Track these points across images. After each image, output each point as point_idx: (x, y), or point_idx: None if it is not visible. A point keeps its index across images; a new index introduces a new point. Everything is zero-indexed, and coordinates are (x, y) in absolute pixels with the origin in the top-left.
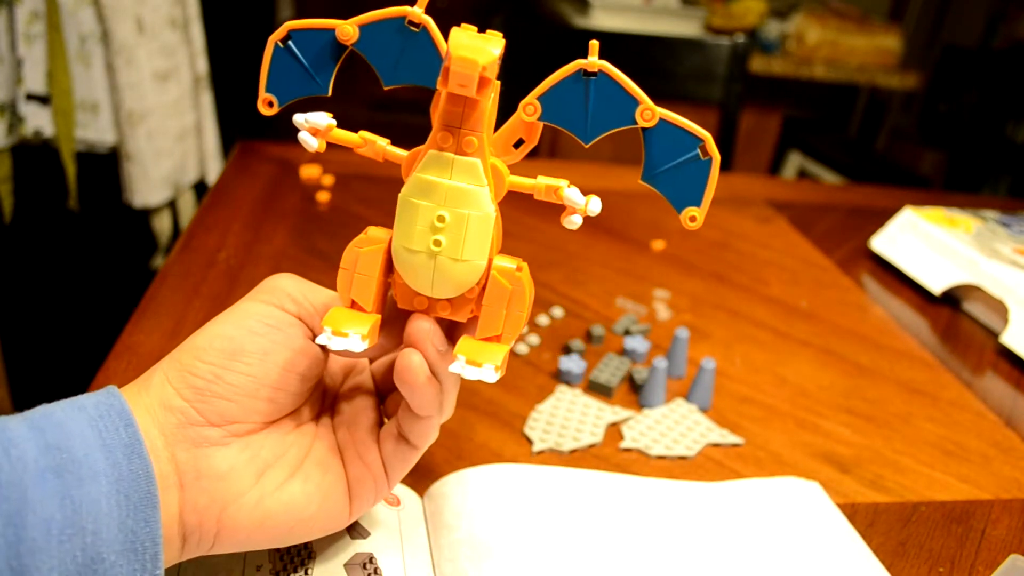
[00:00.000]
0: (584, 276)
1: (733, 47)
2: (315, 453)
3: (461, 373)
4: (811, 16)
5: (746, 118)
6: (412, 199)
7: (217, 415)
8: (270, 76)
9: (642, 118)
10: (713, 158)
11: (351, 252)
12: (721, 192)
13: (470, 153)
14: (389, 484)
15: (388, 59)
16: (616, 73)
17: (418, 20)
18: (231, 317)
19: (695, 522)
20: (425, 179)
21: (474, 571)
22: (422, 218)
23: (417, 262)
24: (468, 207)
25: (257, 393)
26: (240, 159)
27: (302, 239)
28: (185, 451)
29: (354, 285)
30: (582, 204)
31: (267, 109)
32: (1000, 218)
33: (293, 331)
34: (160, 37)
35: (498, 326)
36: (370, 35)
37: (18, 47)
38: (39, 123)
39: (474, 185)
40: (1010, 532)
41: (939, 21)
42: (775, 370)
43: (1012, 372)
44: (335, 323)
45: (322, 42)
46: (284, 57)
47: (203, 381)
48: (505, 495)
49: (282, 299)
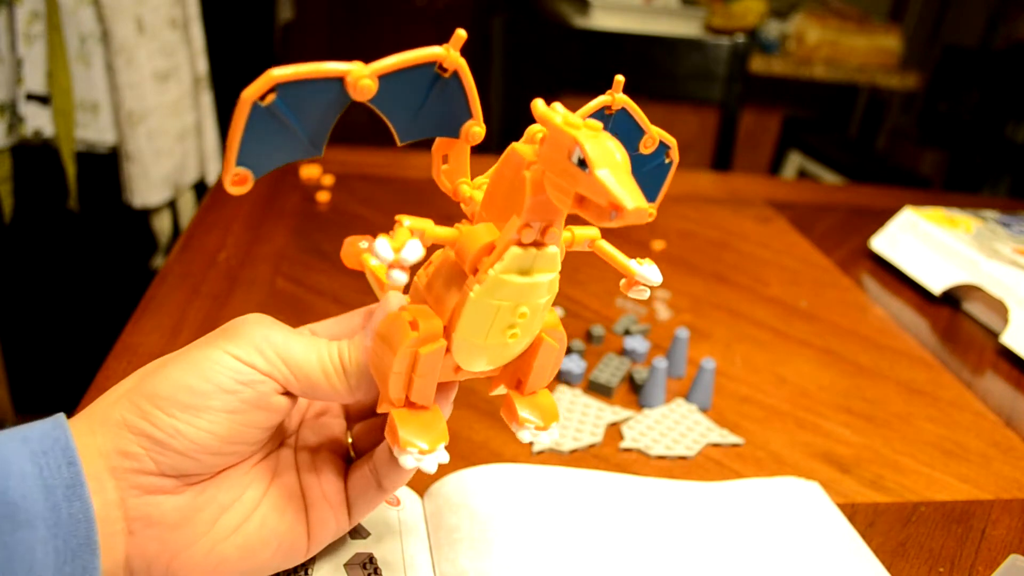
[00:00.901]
0: (584, 276)
1: (733, 47)
2: (274, 491)
3: (536, 440)
4: (811, 16)
5: (746, 118)
6: (492, 301)
7: (172, 469)
8: (244, 144)
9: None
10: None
11: (409, 354)
12: (721, 192)
13: (551, 243)
14: (351, 522)
15: (407, 111)
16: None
17: (453, 66)
18: (196, 365)
19: (695, 522)
20: (508, 281)
21: (474, 571)
22: (503, 317)
23: (484, 351)
24: (544, 296)
25: (219, 450)
26: None
27: (302, 239)
28: (136, 497)
29: (415, 388)
30: (656, 282)
31: (238, 188)
32: (1000, 218)
33: (264, 389)
34: (160, 37)
35: (544, 381)
36: (390, 86)
37: (18, 47)
38: (39, 123)
39: (552, 273)
40: (1010, 532)
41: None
42: (775, 370)
43: (1012, 372)
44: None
45: (321, 97)
46: (265, 120)
47: (163, 434)
48: (505, 495)
49: (252, 355)
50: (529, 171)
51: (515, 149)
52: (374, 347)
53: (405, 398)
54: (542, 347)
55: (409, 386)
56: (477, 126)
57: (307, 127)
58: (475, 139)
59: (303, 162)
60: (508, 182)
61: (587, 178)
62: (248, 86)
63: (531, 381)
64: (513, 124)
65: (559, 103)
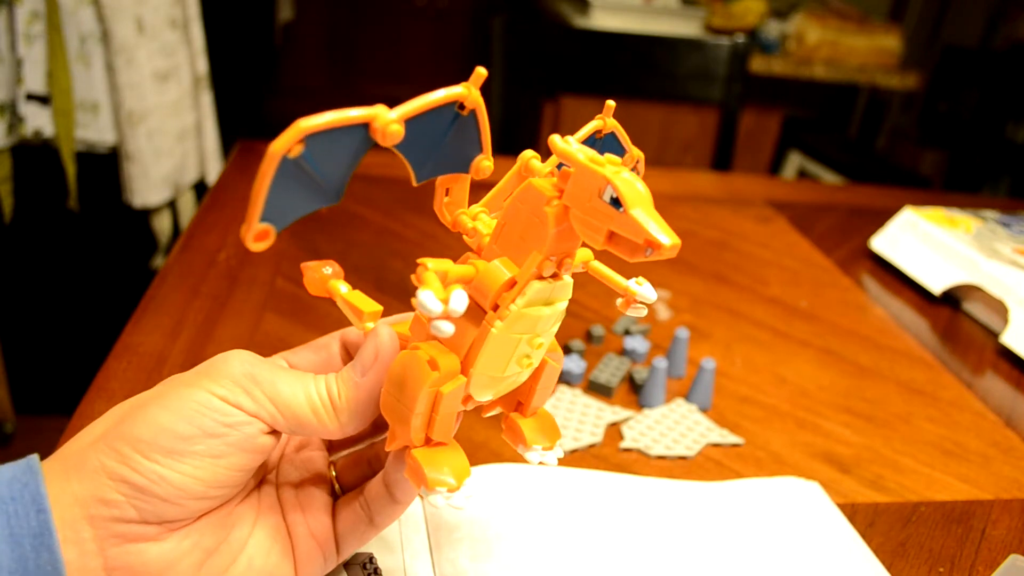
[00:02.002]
0: (584, 276)
1: (733, 47)
2: (259, 532)
3: (544, 461)
4: (811, 16)
5: (746, 118)
6: (513, 335)
7: (155, 516)
8: (269, 199)
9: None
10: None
11: (431, 396)
12: (721, 192)
13: (566, 273)
14: (339, 558)
15: (425, 152)
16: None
17: (472, 104)
18: (178, 407)
19: (695, 522)
20: (530, 315)
21: (474, 571)
22: (520, 350)
23: (499, 382)
24: (557, 322)
25: (204, 495)
26: (240, 159)
27: (302, 239)
28: (116, 546)
29: (436, 427)
30: (653, 299)
31: (259, 245)
32: (1000, 218)
33: (250, 430)
34: (160, 37)
35: (546, 399)
36: (413, 128)
37: (18, 47)
38: (39, 123)
39: (565, 300)
40: (1010, 532)
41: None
42: (775, 370)
43: (1012, 372)
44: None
45: (346, 144)
46: (291, 172)
47: (145, 480)
48: (505, 495)
49: (237, 395)
50: (550, 207)
51: (533, 185)
52: (387, 388)
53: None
54: (546, 369)
55: (430, 425)
56: (486, 160)
57: (330, 176)
58: (484, 173)
59: None
60: (526, 218)
61: (622, 217)
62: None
63: (534, 402)
64: (513, 125)
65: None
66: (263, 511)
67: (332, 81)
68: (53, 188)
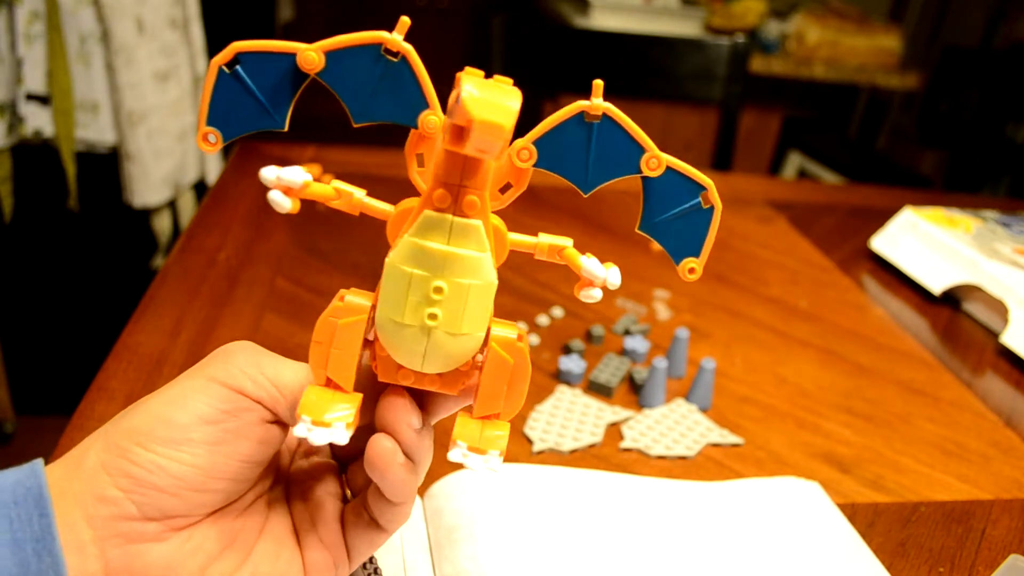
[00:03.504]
0: None
1: (733, 47)
2: (266, 537)
3: (463, 463)
4: (811, 16)
5: (746, 118)
6: (404, 267)
7: (156, 510)
8: (212, 106)
9: (648, 167)
10: (715, 207)
11: (326, 324)
12: (721, 192)
13: (471, 215)
14: (351, 566)
15: (359, 92)
16: (622, 117)
17: (397, 48)
18: (177, 396)
19: (695, 522)
20: (420, 244)
21: (474, 571)
22: (416, 289)
23: (407, 336)
24: (468, 276)
25: (204, 486)
26: (240, 159)
27: (302, 239)
28: (117, 547)
29: (331, 362)
30: (603, 276)
31: (207, 145)
32: (1000, 218)
33: (250, 417)
34: (160, 37)
35: (498, 404)
36: (338, 63)
37: (18, 47)
38: (39, 123)
39: (476, 251)
40: (1010, 532)
41: (939, 21)
42: (775, 370)
43: (1012, 372)
44: (314, 411)
45: (279, 69)
46: (231, 84)
47: (142, 471)
48: (505, 495)
49: (239, 379)
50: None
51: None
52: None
53: (327, 379)
54: (489, 359)
55: (327, 361)
56: (432, 115)
57: (268, 96)
58: (430, 128)
59: (303, 162)
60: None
61: (456, 103)
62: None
63: (480, 399)
64: None
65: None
66: (271, 519)
67: None
68: (53, 188)
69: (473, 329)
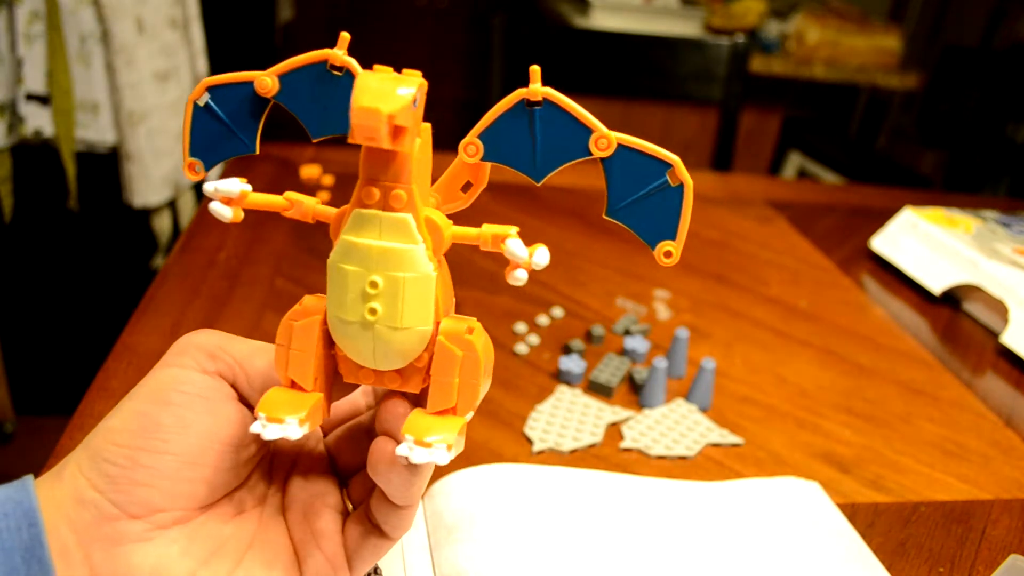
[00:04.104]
0: (584, 276)
1: (733, 47)
2: (260, 544)
3: (409, 457)
4: (811, 16)
5: (746, 118)
6: (340, 264)
7: (137, 506)
8: (192, 139)
9: (597, 147)
10: (685, 184)
11: (285, 326)
12: (721, 192)
13: (398, 208)
14: (354, 575)
15: (313, 109)
16: (562, 100)
17: (340, 63)
18: (143, 391)
19: (695, 522)
20: (352, 241)
21: (474, 571)
22: (353, 285)
23: (354, 333)
24: (402, 269)
25: (179, 474)
26: (240, 159)
27: (302, 239)
28: (102, 551)
29: (290, 362)
30: (525, 257)
31: (193, 174)
32: (1000, 218)
33: (215, 394)
34: (160, 37)
35: (451, 397)
36: (291, 84)
37: (18, 47)
38: (39, 123)
39: (406, 244)
40: (1010, 532)
41: (939, 21)
42: (775, 370)
43: (1012, 372)
44: (270, 408)
45: (242, 97)
46: (204, 117)
47: (116, 467)
48: (505, 495)
49: (198, 358)
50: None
51: None
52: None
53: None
54: (436, 351)
55: (288, 362)
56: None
57: (237, 123)
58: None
59: (303, 162)
60: None
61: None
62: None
63: (431, 393)
64: None
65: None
66: (263, 529)
67: None
68: (53, 188)
69: (415, 322)
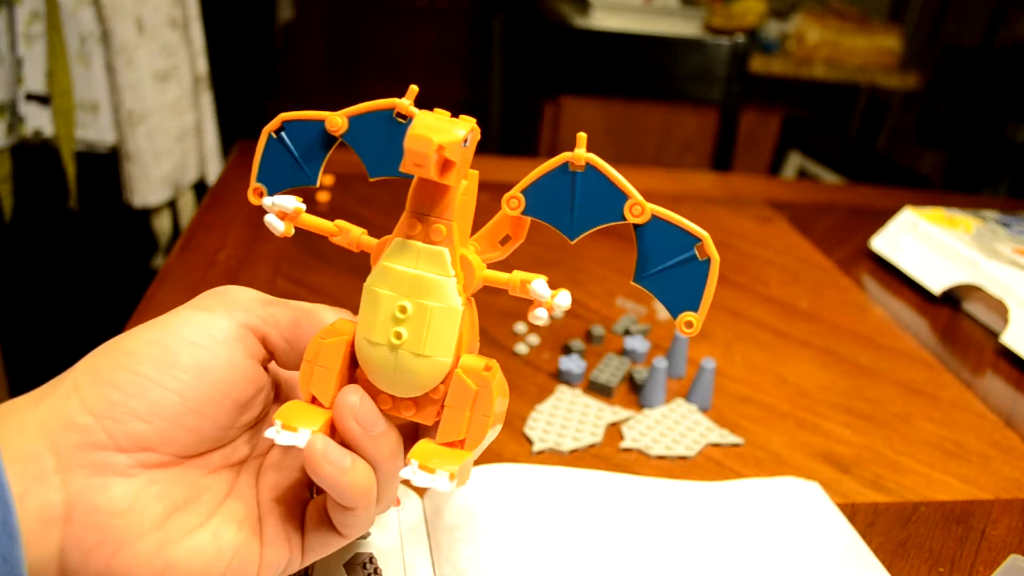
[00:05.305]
0: (584, 276)
1: (733, 47)
2: (230, 505)
3: (411, 480)
4: (811, 16)
5: (746, 118)
6: (375, 287)
7: (128, 438)
8: (262, 166)
9: (632, 214)
10: (712, 259)
11: (315, 343)
12: (721, 192)
13: (437, 242)
14: (303, 561)
15: (375, 151)
16: (604, 166)
17: (406, 112)
18: (170, 322)
19: (695, 522)
20: (389, 267)
21: (474, 571)
22: (384, 308)
23: (378, 356)
24: (432, 298)
25: (181, 419)
26: (240, 159)
27: (302, 239)
28: (82, 478)
29: (314, 378)
30: (547, 297)
31: (256, 198)
32: (1000, 218)
33: (239, 348)
34: (160, 37)
35: (460, 430)
36: (359, 126)
37: (18, 47)
38: (39, 123)
39: (440, 275)
40: (1010, 532)
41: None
42: (775, 370)
43: (1012, 372)
44: (287, 417)
45: (313, 133)
46: (276, 148)
47: (121, 394)
48: (505, 495)
49: (231, 307)
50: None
51: None
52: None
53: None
54: (453, 383)
55: (312, 378)
56: None
57: (303, 156)
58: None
59: None
60: None
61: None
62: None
63: (442, 423)
64: (513, 126)
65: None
66: (238, 488)
67: (332, 81)
68: (53, 188)
69: (436, 352)
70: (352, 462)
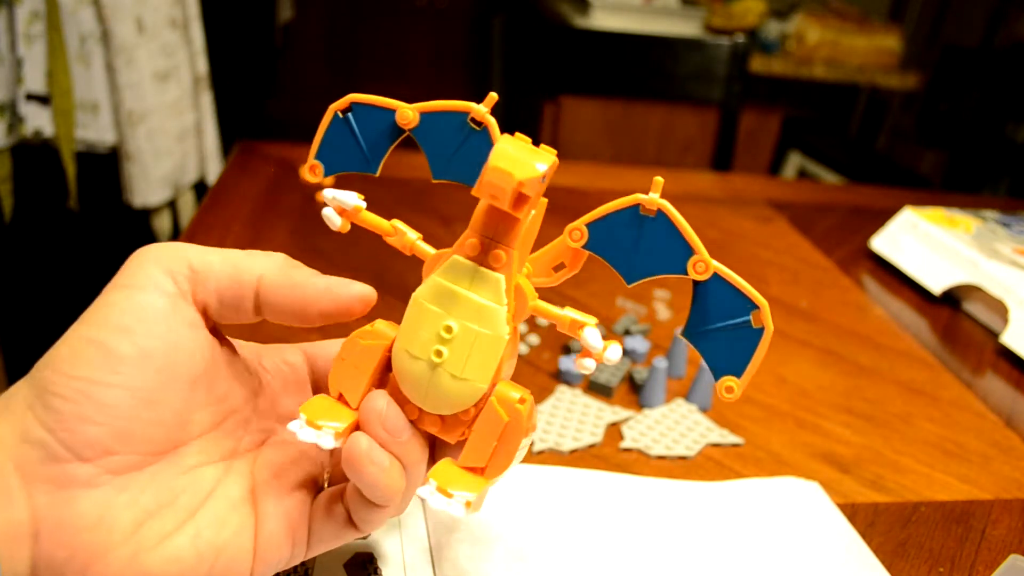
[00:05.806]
0: (584, 276)
1: (733, 47)
2: (214, 503)
3: (427, 500)
4: (811, 16)
5: (746, 118)
6: (424, 302)
7: (86, 446)
8: (323, 144)
9: (695, 270)
10: (766, 329)
11: (352, 343)
12: (721, 192)
13: (496, 268)
14: (307, 553)
15: (443, 152)
16: (676, 216)
17: (481, 119)
18: (96, 316)
19: (695, 522)
20: (442, 284)
21: (474, 571)
22: (429, 324)
23: (415, 369)
24: (480, 324)
25: (135, 413)
26: (240, 159)
27: (302, 239)
28: (46, 494)
29: (345, 376)
30: (599, 350)
31: (311, 175)
32: (1000, 218)
33: (177, 322)
34: (160, 37)
35: (484, 457)
36: (430, 124)
37: (18, 47)
38: (39, 123)
39: (492, 302)
40: (1010, 532)
41: (939, 21)
42: (775, 370)
43: (1012, 372)
44: (312, 413)
45: (381, 121)
46: (341, 128)
47: (65, 402)
48: (505, 495)
49: (156, 278)
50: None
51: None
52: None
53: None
54: (485, 410)
55: (342, 376)
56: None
57: (368, 144)
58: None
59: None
60: None
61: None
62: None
63: (467, 447)
64: (513, 126)
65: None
66: (225, 484)
67: (332, 81)
68: (53, 188)
69: (475, 377)
70: (391, 462)
